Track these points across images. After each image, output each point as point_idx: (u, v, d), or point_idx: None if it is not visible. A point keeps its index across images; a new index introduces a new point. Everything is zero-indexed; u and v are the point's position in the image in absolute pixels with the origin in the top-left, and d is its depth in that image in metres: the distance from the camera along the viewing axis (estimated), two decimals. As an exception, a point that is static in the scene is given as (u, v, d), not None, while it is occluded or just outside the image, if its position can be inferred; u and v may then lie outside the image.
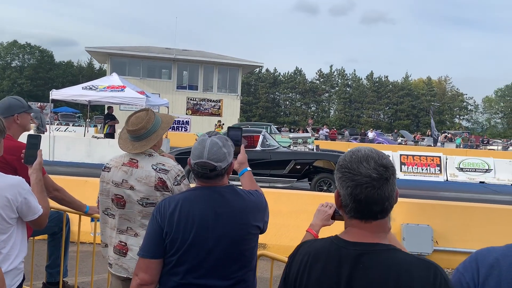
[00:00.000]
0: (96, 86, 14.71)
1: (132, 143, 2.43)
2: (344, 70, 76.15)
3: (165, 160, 2.41)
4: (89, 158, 14.25)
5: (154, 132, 2.44)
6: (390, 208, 1.30)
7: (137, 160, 2.40)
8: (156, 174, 2.33)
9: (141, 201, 2.34)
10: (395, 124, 68.01)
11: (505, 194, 12.96)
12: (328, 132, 34.63)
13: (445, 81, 78.43)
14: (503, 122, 76.37)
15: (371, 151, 1.31)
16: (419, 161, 15.63)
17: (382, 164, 1.27)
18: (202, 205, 1.83)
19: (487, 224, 5.70)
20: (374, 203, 1.26)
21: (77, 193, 5.90)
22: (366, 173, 1.26)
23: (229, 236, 1.81)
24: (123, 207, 2.39)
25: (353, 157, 1.31)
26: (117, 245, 2.42)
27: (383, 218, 1.30)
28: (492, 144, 39.58)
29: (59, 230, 3.85)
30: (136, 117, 2.44)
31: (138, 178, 2.34)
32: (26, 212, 2.21)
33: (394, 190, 1.30)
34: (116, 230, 2.43)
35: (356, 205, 1.28)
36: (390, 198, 1.28)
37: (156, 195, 2.33)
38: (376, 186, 1.25)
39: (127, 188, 2.36)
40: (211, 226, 1.80)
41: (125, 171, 2.38)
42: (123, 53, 31.90)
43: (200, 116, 32.46)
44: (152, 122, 2.44)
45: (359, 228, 1.31)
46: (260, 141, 10.47)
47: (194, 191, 1.91)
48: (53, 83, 60.14)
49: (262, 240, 5.69)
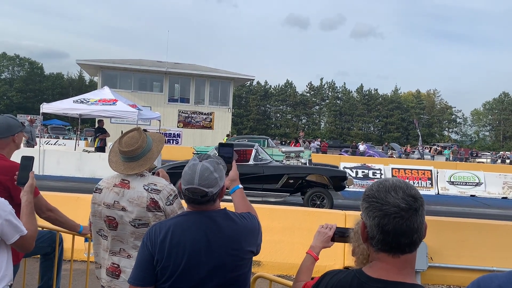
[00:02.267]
0: (87, 100, 14.62)
1: (125, 164, 2.41)
2: (334, 83, 76.95)
3: (157, 180, 2.40)
4: (79, 172, 14.11)
5: (149, 150, 2.44)
6: (419, 241, 1.24)
7: (129, 180, 2.38)
8: (148, 194, 2.32)
9: (133, 222, 2.33)
10: (385, 136, 68.52)
11: (495, 207, 13.06)
12: (319, 145, 34.76)
13: (433, 94, 79.45)
14: (491, 134, 77.31)
15: (399, 181, 1.27)
16: (411, 175, 15.73)
17: (410, 194, 1.23)
18: (193, 231, 1.78)
19: (481, 240, 5.73)
20: (402, 234, 1.21)
21: (70, 210, 5.82)
22: (394, 203, 1.21)
23: (222, 263, 1.76)
24: (115, 229, 2.37)
25: (380, 186, 1.26)
26: (109, 267, 2.40)
27: (411, 252, 1.24)
28: (481, 157, 39.98)
29: (52, 250, 3.77)
30: (129, 137, 2.42)
31: (130, 199, 2.33)
32: (8, 234, 2.15)
33: (423, 222, 1.24)
34: (108, 251, 2.41)
35: (384, 237, 1.22)
36: (419, 230, 1.23)
37: (148, 215, 2.31)
38: (404, 216, 1.20)
39: (119, 209, 2.34)
40: (203, 253, 1.75)
41: (117, 192, 2.37)
42: (115, 66, 31.82)
43: (192, 128, 32.38)
44: (146, 141, 2.44)
45: (385, 262, 1.25)
46: (253, 156, 10.44)
47: (185, 216, 1.86)
48: (43, 96, 59.80)
49: (257, 257, 5.63)
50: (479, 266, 5.52)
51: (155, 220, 2.31)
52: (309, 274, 1.89)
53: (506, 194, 15.34)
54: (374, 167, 15.95)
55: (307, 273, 1.90)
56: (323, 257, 5.06)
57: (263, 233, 6.14)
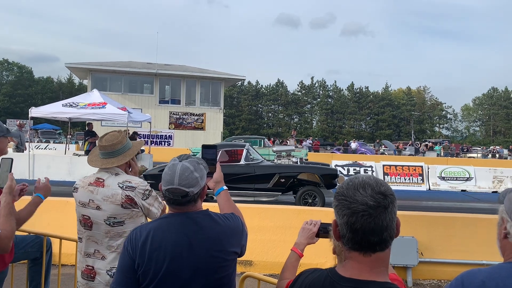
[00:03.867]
0: (76, 103, 14.52)
1: (104, 159, 2.47)
2: (325, 81, 77.06)
3: (131, 178, 2.46)
4: (70, 176, 13.98)
5: (129, 148, 2.53)
6: (390, 239, 1.22)
7: (103, 179, 2.42)
8: (122, 192, 2.36)
9: (108, 221, 2.35)
10: (377, 134, 68.82)
11: (486, 202, 13.16)
12: (311, 143, 34.82)
13: (424, 91, 79.96)
14: (482, 130, 78.00)
15: (369, 178, 1.24)
16: (402, 171, 15.82)
17: (380, 191, 1.20)
18: (175, 233, 1.75)
19: (471, 234, 5.76)
20: (371, 233, 1.19)
21: (59, 215, 5.77)
22: (362, 201, 1.19)
23: (205, 265, 1.74)
24: (90, 228, 2.39)
25: (350, 184, 1.24)
26: (84, 269, 2.41)
27: (382, 251, 1.22)
28: (471, 152, 40.30)
29: (40, 255, 3.73)
30: (111, 135, 2.52)
31: (104, 197, 2.36)
32: None
33: (394, 219, 1.22)
34: (83, 253, 2.42)
35: (353, 236, 1.21)
36: (389, 228, 1.20)
37: (123, 213, 2.34)
38: (373, 214, 1.18)
39: (93, 208, 2.37)
40: (185, 256, 1.73)
41: (91, 191, 2.40)
42: (104, 68, 31.63)
43: (183, 130, 32.28)
44: (126, 139, 2.54)
45: (357, 261, 1.23)
46: (244, 155, 10.43)
47: (166, 219, 1.83)
48: (32, 100, 59.31)
49: (248, 257, 5.64)
50: (470, 260, 5.56)
51: (132, 217, 2.35)
52: (293, 271, 1.88)
53: (496, 188, 15.47)
54: (366, 165, 16.03)
55: (290, 270, 1.89)
56: (315, 255, 5.08)
57: (255, 232, 6.11)
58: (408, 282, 5.54)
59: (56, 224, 5.29)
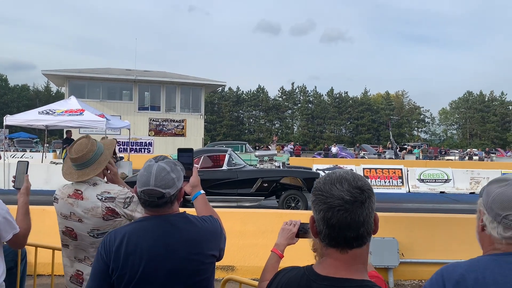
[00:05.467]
0: (53, 110, 14.26)
1: (79, 172, 2.37)
2: (306, 87, 77.50)
3: (110, 187, 2.35)
4: (47, 185, 13.68)
5: (101, 154, 2.42)
6: (367, 235, 1.20)
7: (82, 191, 2.33)
8: (102, 204, 2.26)
9: (92, 233, 2.28)
10: (357, 138, 69.54)
11: (464, 202, 13.41)
12: (293, 148, 34.95)
13: (402, 95, 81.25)
14: (459, 133, 79.63)
15: (346, 173, 1.23)
16: (382, 174, 16.00)
17: (356, 186, 1.19)
18: (150, 236, 1.70)
19: (450, 234, 5.84)
20: (347, 228, 1.17)
21: (35, 223, 5.61)
22: (339, 195, 1.17)
23: (182, 268, 1.70)
24: (76, 239, 2.33)
25: (327, 179, 1.23)
26: (74, 274, 2.37)
27: (359, 247, 1.20)
28: (449, 155, 41.07)
29: (15, 265, 3.62)
30: (78, 144, 2.40)
31: (84, 210, 2.28)
32: (5, 231, 2.35)
33: (371, 215, 1.20)
34: (74, 258, 2.38)
35: (329, 231, 1.18)
36: (366, 223, 1.18)
37: (106, 224, 2.26)
38: (349, 209, 1.16)
39: (75, 220, 2.30)
40: (161, 259, 1.68)
41: (71, 203, 2.32)
42: (82, 75, 31.19)
43: (164, 136, 32.01)
44: (96, 144, 2.42)
45: (333, 259, 1.21)
46: (226, 161, 10.39)
47: (141, 222, 1.78)
48: (7, 108, 57.96)
49: (230, 262, 5.58)
50: (450, 259, 5.58)
51: (115, 227, 2.26)
52: (273, 272, 1.85)
53: (473, 189, 15.77)
54: (346, 168, 16.14)
55: (272, 271, 1.86)
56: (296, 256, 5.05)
57: (236, 237, 6.06)
58: (389, 283, 5.57)
59: (32, 232, 5.14)
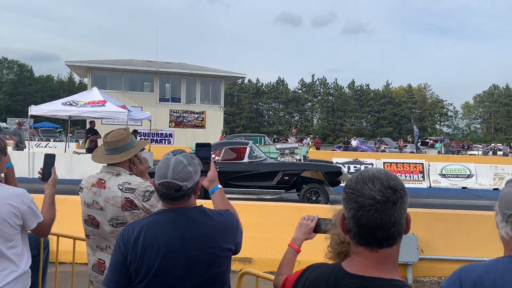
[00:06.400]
0: (76, 102, 14.49)
1: (107, 156, 2.48)
2: (326, 79, 76.87)
3: (132, 179, 2.41)
4: (70, 174, 13.98)
5: (132, 146, 2.51)
6: (398, 235, 1.18)
7: (105, 180, 2.42)
8: (122, 194, 2.33)
9: (111, 222, 2.35)
10: (378, 131, 68.73)
11: (487, 198, 13.12)
12: (312, 141, 34.77)
13: (425, 88, 79.78)
14: (483, 127, 77.89)
15: (379, 172, 1.21)
16: (402, 169, 15.79)
17: (389, 186, 1.17)
18: (167, 229, 1.73)
19: (471, 231, 5.74)
20: (377, 228, 1.16)
21: (58, 212, 5.75)
22: (370, 195, 1.16)
23: (198, 261, 1.72)
24: (98, 227, 2.41)
25: (359, 177, 1.21)
26: (96, 262, 2.44)
27: (390, 247, 1.18)
28: (472, 149, 40.22)
29: (38, 254, 3.72)
30: (116, 132, 2.53)
31: (106, 199, 2.36)
32: (29, 219, 2.42)
33: (403, 215, 1.18)
34: (96, 247, 2.45)
35: (359, 230, 1.18)
36: (397, 224, 1.17)
37: (124, 215, 2.32)
38: (379, 209, 1.15)
39: (97, 209, 2.39)
40: (178, 252, 1.71)
41: (94, 192, 2.41)
42: (104, 66, 31.60)
43: (184, 128, 32.25)
44: (131, 137, 2.54)
45: (363, 257, 1.20)
46: (248, 153, 10.39)
47: (159, 215, 1.81)
48: (32, 98, 59.24)
49: (247, 254, 5.62)
50: (470, 257, 5.53)
51: (133, 219, 2.30)
52: (290, 267, 1.87)
53: (497, 186, 15.43)
54: (366, 162, 16.01)
55: (288, 266, 1.88)
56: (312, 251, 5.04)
57: (253, 230, 6.07)
58: (408, 279, 5.52)
59: (55, 221, 5.27)
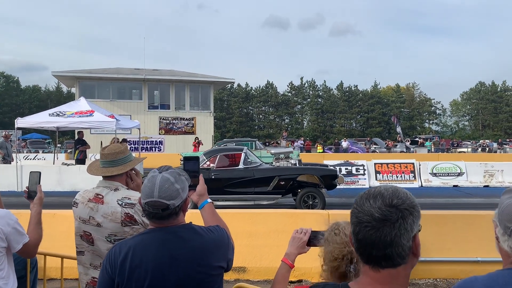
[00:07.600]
0: (63, 112, 14.35)
1: (104, 168, 2.44)
2: (315, 81, 77.15)
3: (131, 193, 2.38)
4: (59, 186, 13.82)
5: (130, 160, 2.49)
6: (397, 257, 1.12)
7: (102, 195, 2.36)
8: (122, 209, 2.29)
9: (109, 238, 2.29)
10: (368, 132, 69.09)
11: (478, 196, 13.21)
12: (303, 143, 34.85)
13: (413, 87, 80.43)
14: (471, 124, 78.68)
15: (387, 189, 1.17)
16: (394, 169, 15.84)
17: (390, 204, 1.13)
18: (156, 249, 1.67)
19: (463, 231, 5.73)
20: (372, 246, 1.12)
21: (46, 228, 5.64)
22: (368, 212, 1.13)
23: (189, 281, 1.67)
24: (92, 244, 2.35)
25: (365, 193, 1.20)
26: (90, 281, 2.38)
27: (392, 267, 1.14)
28: (462, 146, 40.57)
29: (25, 273, 3.63)
30: (113, 145, 2.53)
31: (104, 214, 2.30)
32: (14, 241, 2.40)
33: (403, 236, 1.12)
34: (90, 265, 2.39)
35: (358, 246, 1.17)
36: (396, 244, 1.11)
37: (124, 230, 2.27)
38: (375, 227, 1.11)
39: (94, 225, 2.32)
40: (168, 272, 1.65)
41: (91, 208, 2.35)
42: (91, 76, 31.39)
43: (174, 135, 32.11)
44: (129, 151, 2.54)
45: (369, 277, 1.17)
46: (242, 159, 10.32)
47: (147, 234, 1.75)
48: (19, 109, 58.69)
49: (241, 263, 5.55)
50: (464, 258, 5.54)
51: (133, 234, 2.25)
52: (284, 283, 1.83)
53: (487, 183, 15.56)
54: (357, 163, 16.00)
55: (281, 282, 1.84)
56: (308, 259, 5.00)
57: (246, 238, 6.00)
58: (403, 282, 5.49)
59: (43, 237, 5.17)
